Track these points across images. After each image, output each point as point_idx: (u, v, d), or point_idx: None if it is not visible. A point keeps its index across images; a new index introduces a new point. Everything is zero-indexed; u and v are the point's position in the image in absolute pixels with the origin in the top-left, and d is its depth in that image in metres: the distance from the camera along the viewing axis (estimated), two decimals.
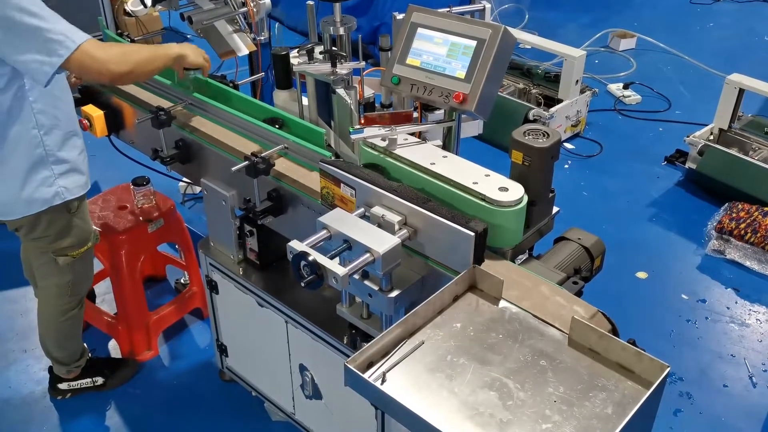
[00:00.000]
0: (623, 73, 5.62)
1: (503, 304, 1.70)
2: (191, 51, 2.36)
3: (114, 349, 3.17)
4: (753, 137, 4.17)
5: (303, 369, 2.41)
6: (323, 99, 2.36)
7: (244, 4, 2.82)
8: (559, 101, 4.61)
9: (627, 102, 5.23)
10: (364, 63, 2.32)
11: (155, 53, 2.27)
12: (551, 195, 1.95)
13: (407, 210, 1.80)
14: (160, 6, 2.96)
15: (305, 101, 2.48)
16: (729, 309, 3.42)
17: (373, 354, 1.53)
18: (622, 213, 4.10)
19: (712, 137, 4.25)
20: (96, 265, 3.24)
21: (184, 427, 2.83)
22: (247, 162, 2.10)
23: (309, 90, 2.40)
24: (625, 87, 5.35)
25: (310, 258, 1.64)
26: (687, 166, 4.29)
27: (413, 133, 2.05)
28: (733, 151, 4.09)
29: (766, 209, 3.73)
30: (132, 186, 3.00)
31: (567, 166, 4.52)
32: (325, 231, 1.77)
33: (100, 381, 2.94)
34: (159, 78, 2.49)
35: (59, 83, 2.28)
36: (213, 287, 2.63)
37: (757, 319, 3.36)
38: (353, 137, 1.98)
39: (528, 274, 1.81)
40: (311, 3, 2.46)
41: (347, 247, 1.73)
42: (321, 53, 2.32)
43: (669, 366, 1.43)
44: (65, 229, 2.45)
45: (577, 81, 4.57)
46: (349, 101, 2.16)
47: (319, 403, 2.43)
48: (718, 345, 3.22)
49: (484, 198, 1.78)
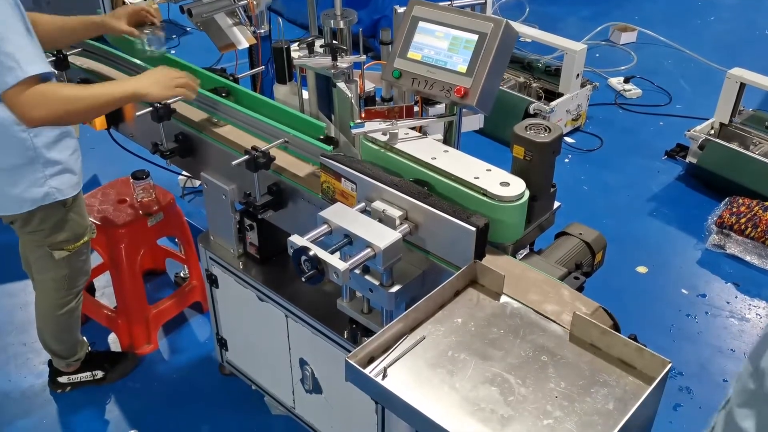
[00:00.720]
0: (624, 67, 5.61)
1: (504, 299, 1.70)
2: (156, 84, 2.11)
3: (114, 343, 3.17)
4: (754, 132, 4.16)
5: (303, 363, 2.41)
6: (324, 93, 2.35)
7: None
8: (560, 95, 4.60)
9: (628, 96, 5.22)
10: (365, 57, 2.31)
11: (101, 97, 2.05)
12: (552, 190, 1.95)
13: (408, 205, 1.80)
14: None
15: (306, 95, 2.47)
16: (729, 304, 3.42)
17: (374, 349, 1.53)
18: (622, 207, 4.10)
19: (712, 131, 4.24)
20: (96, 259, 3.24)
21: (183, 421, 2.84)
22: (248, 156, 2.09)
23: (309, 84, 2.39)
24: (626, 81, 5.34)
25: (311, 253, 1.63)
26: (687, 160, 4.29)
27: (414, 128, 2.04)
28: (734, 146, 4.08)
29: (766, 204, 3.72)
30: (131, 180, 2.99)
31: (567, 160, 4.52)
32: (326, 226, 1.76)
33: (99, 374, 2.94)
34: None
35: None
36: (213, 281, 2.62)
37: (757, 314, 3.36)
38: (354, 131, 1.98)
39: (529, 268, 1.81)
40: None
41: (348, 242, 1.73)
42: (322, 47, 2.31)
43: (671, 362, 1.43)
44: (60, 224, 2.44)
45: (578, 75, 4.55)
46: (350, 95, 2.16)
47: (319, 398, 2.43)
48: (718, 340, 3.22)
49: (485, 193, 1.78)
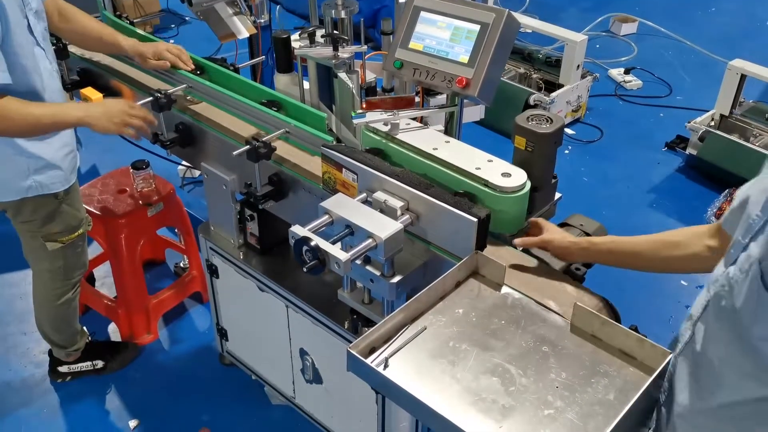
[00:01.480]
0: (624, 58, 5.60)
1: (505, 290, 1.70)
2: (105, 117, 2.16)
3: (114, 333, 3.17)
4: (754, 123, 4.16)
5: (303, 353, 2.41)
6: (324, 83, 2.35)
7: None
8: (560, 86, 4.59)
9: (628, 87, 5.21)
10: (366, 47, 2.30)
11: (45, 118, 2.11)
12: (554, 181, 1.95)
13: (409, 195, 1.79)
14: None
15: (306, 85, 2.47)
16: None
17: (376, 339, 1.53)
18: (622, 199, 4.10)
19: (713, 123, 4.24)
20: (96, 249, 3.24)
21: (184, 411, 2.84)
22: (249, 146, 2.09)
23: (310, 74, 2.39)
24: (626, 72, 5.33)
25: (312, 243, 1.63)
26: (687, 152, 4.28)
27: (415, 118, 2.03)
28: (734, 138, 4.08)
29: None
30: (131, 170, 2.99)
31: (567, 151, 4.51)
32: (327, 216, 1.76)
33: (100, 364, 2.95)
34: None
35: (36, 85, 2.19)
36: (213, 271, 2.62)
37: None
38: (355, 122, 1.97)
39: (531, 260, 1.81)
40: None
41: (349, 233, 1.73)
42: (322, 37, 2.31)
43: (671, 352, 1.43)
44: (52, 215, 2.43)
45: (578, 66, 4.55)
46: (351, 85, 2.15)
47: (320, 388, 2.43)
48: None
49: (486, 184, 1.78)
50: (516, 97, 4.46)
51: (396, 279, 1.79)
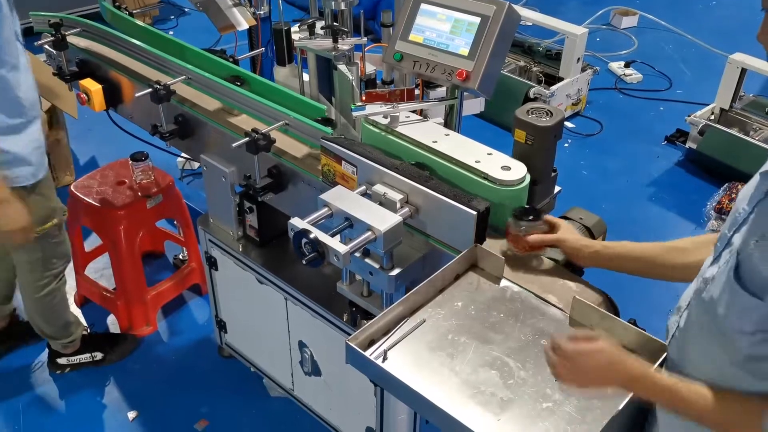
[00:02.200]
0: (624, 52, 5.59)
1: (504, 283, 1.70)
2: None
3: (113, 325, 3.17)
4: (754, 117, 4.16)
5: (302, 346, 2.41)
6: (324, 75, 2.34)
7: None
8: (560, 79, 4.58)
9: (628, 81, 5.20)
10: (366, 39, 2.29)
11: None
12: (553, 174, 1.95)
13: (409, 188, 1.79)
14: None
15: (306, 77, 2.46)
16: None
17: (375, 332, 1.53)
18: (621, 192, 4.10)
19: (713, 117, 4.23)
20: (95, 240, 3.24)
21: (182, 403, 2.85)
22: (248, 138, 2.08)
23: (310, 66, 2.38)
24: (627, 65, 5.32)
25: (311, 236, 1.63)
26: (687, 145, 4.28)
27: (415, 111, 2.03)
28: (734, 131, 4.07)
29: None
30: (131, 161, 2.98)
31: (567, 144, 4.51)
32: (327, 209, 1.76)
33: (99, 356, 2.95)
34: (159, 52, 2.46)
35: (7, 81, 2.17)
36: (212, 264, 2.62)
37: None
38: (355, 114, 1.97)
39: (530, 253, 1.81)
40: None
41: (348, 225, 1.73)
42: (322, 28, 2.30)
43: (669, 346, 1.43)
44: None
45: (579, 59, 4.53)
46: (351, 77, 2.14)
47: (318, 380, 2.44)
48: None
49: (486, 177, 1.77)
50: (516, 90, 4.45)
51: (395, 272, 1.78)
